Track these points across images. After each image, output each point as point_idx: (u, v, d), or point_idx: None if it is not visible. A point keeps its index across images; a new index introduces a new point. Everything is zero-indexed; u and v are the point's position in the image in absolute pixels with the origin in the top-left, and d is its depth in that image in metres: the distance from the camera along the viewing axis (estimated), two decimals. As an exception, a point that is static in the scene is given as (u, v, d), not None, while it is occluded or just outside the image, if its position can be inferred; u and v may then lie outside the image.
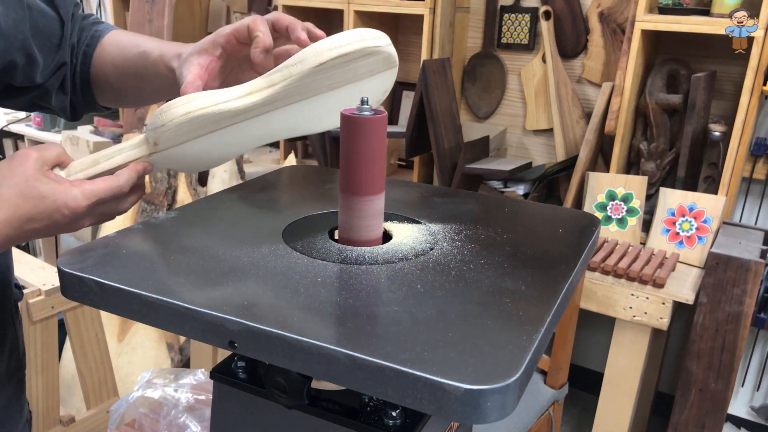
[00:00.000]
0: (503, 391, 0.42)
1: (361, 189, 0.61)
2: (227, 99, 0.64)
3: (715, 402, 1.64)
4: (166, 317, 0.51)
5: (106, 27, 0.83)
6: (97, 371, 1.74)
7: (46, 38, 0.77)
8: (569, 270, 0.60)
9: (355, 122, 0.59)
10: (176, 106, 0.64)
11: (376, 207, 0.62)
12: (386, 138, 0.61)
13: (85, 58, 0.80)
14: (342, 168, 0.61)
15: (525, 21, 2.18)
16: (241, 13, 2.81)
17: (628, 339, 1.70)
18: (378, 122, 0.59)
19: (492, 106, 2.33)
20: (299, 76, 0.62)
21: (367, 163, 0.60)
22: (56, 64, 0.79)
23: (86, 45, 0.80)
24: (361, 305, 0.52)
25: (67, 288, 0.56)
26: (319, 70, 0.62)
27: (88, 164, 0.66)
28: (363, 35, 0.62)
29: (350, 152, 0.60)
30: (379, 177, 0.61)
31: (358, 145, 0.60)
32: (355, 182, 0.61)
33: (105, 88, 0.83)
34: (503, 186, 2.06)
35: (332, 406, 0.58)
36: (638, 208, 1.85)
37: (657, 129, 1.90)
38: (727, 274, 1.55)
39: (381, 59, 0.64)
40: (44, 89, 0.79)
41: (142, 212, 2.33)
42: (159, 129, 0.64)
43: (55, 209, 0.60)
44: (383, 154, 0.61)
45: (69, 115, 0.85)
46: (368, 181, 0.61)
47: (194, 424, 1.08)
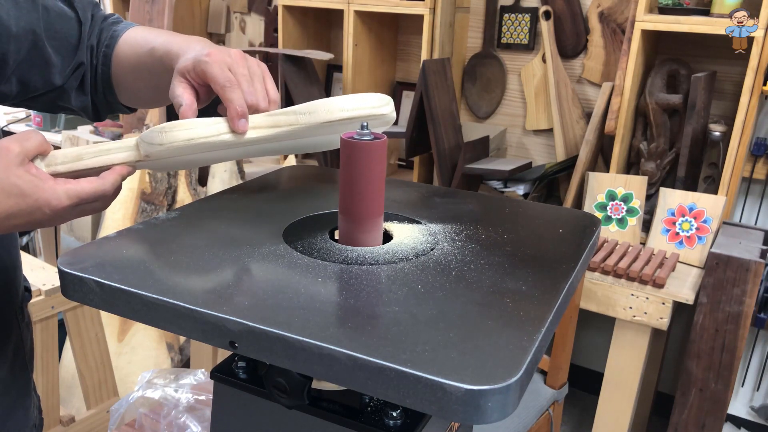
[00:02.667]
0: (504, 391, 0.42)
1: (361, 212, 0.62)
2: (230, 130, 0.66)
3: (715, 402, 1.64)
4: (167, 317, 0.51)
5: (125, 26, 0.83)
6: (97, 371, 1.74)
7: (63, 39, 0.77)
8: (570, 270, 0.59)
9: (355, 147, 0.59)
10: (178, 129, 0.64)
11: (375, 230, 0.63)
12: (386, 162, 0.62)
13: (105, 59, 0.80)
14: (342, 191, 0.62)
15: (525, 21, 2.18)
16: (241, 13, 2.81)
17: (628, 339, 1.70)
18: (378, 147, 0.60)
19: (492, 106, 2.33)
20: (305, 126, 0.67)
21: (367, 187, 0.61)
22: (74, 65, 0.79)
23: (106, 46, 0.80)
24: (362, 305, 0.52)
25: (68, 288, 0.56)
26: (325, 125, 0.67)
27: (71, 158, 0.65)
28: (373, 102, 0.69)
29: (350, 176, 0.61)
30: (378, 201, 0.62)
31: (358, 169, 0.60)
32: (355, 205, 0.61)
33: (124, 88, 0.83)
34: (503, 186, 2.06)
35: (333, 406, 0.58)
36: (638, 208, 1.85)
37: (657, 129, 1.90)
38: (727, 274, 1.55)
39: (383, 121, 0.71)
40: (63, 90, 0.80)
41: (142, 212, 2.33)
42: (155, 146, 0.65)
43: (36, 208, 0.60)
44: (382, 178, 0.62)
45: (92, 116, 0.85)
46: (368, 205, 0.61)
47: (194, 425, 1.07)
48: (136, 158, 0.66)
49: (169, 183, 2.34)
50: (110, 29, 0.81)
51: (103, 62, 0.80)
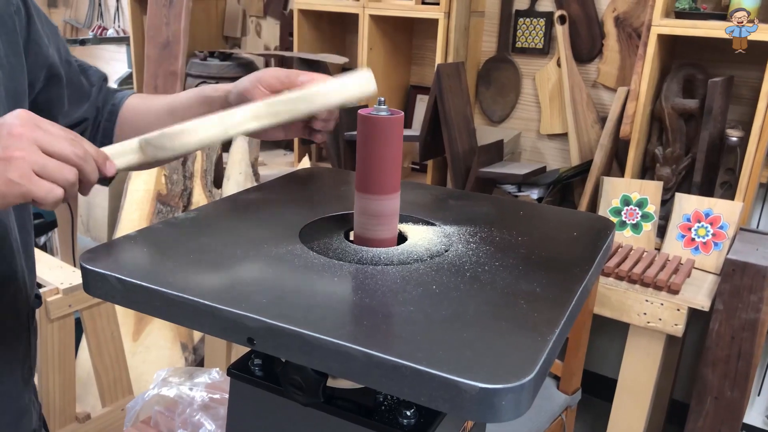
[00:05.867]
0: (518, 390, 0.42)
1: (377, 188, 0.62)
2: (234, 124, 0.68)
3: (730, 410, 1.63)
4: (187, 314, 0.52)
5: (131, 92, 0.92)
6: (112, 369, 1.76)
7: (76, 89, 0.85)
8: (584, 273, 0.60)
9: (371, 122, 0.60)
10: (187, 134, 0.65)
11: (391, 206, 0.63)
12: (402, 138, 0.62)
13: (111, 115, 0.88)
14: (358, 167, 0.62)
15: (540, 25, 2.18)
16: (257, 17, 2.83)
17: (642, 345, 1.69)
18: (394, 122, 0.60)
19: (506, 110, 2.33)
20: (305, 112, 0.69)
21: (383, 162, 0.61)
22: (79, 118, 0.85)
23: (112, 104, 0.88)
24: (377, 304, 0.53)
25: (90, 285, 0.58)
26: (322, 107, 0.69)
27: None
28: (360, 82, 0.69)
29: (366, 151, 0.61)
30: (395, 176, 0.62)
31: (374, 145, 0.61)
32: (371, 181, 0.62)
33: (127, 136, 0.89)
34: (517, 190, 2.06)
35: (347, 404, 0.58)
36: (653, 214, 1.84)
37: (673, 134, 1.89)
38: (744, 280, 1.54)
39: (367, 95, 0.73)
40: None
41: (158, 213, 2.35)
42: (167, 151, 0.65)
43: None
44: (399, 153, 0.62)
45: None
46: (384, 180, 0.62)
47: (209, 423, 1.08)
48: (139, 161, 0.67)
49: (185, 185, 2.37)
50: (116, 92, 0.91)
51: (107, 118, 0.88)
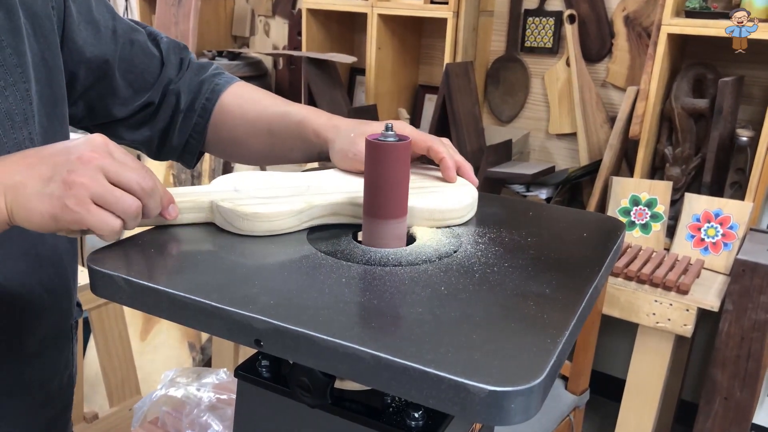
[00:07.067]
0: (527, 393, 0.42)
1: (384, 213, 0.62)
2: (309, 218, 0.66)
3: (739, 411, 1.61)
4: (193, 315, 0.52)
5: (227, 80, 0.84)
6: (120, 369, 1.76)
7: (140, 74, 0.79)
8: (594, 274, 0.59)
9: (379, 148, 0.60)
10: (261, 221, 0.64)
11: (398, 229, 0.63)
12: (410, 163, 0.62)
13: (204, 111, 0.82)
14: (366, 192, 0.62)
15: (549, 25, 2.17)
16: (266, 16, 2.83)
17: (651, 346, 1.68)
18: (402, 149, 0.60)
19: (515, 110, 2.32)
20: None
21: (391, 187, 0.61)
22: (144, 103, 0.80)
23: (206, 99, 0.82)
24: (386, 306, 0.53)
25: (97, 286, 0.57)
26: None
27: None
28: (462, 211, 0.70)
29: (374, 177, 0.61)
30: (402, 201, 0.63)
31: (382, 171, 0.61)
32: (379, 205, 0.62)
33: (225, 139, 0.83)
34: (526, 190, 2.05)
35: (355, 406, 0.58)
36: (662, 214, 1.82)
37: (682, 134, 1.88)
38: (754, 281, 1.52)
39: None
40: (121, 122, 0.81)
41: (166, 213, 2.36)
42: (233, 227, 0.64)
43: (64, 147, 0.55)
44: (407, 178, 0.62)
45: (153, 153, 0.85)
46: (392, 205, 0.62)
47: (216, 423, 1.09)
48: (205, 220, 0.67)
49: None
50: (212, 81, 0.83)
51: (200, 114, 0.82)
